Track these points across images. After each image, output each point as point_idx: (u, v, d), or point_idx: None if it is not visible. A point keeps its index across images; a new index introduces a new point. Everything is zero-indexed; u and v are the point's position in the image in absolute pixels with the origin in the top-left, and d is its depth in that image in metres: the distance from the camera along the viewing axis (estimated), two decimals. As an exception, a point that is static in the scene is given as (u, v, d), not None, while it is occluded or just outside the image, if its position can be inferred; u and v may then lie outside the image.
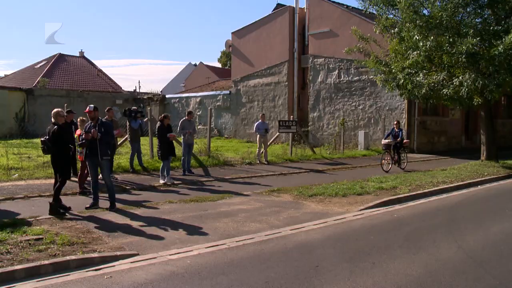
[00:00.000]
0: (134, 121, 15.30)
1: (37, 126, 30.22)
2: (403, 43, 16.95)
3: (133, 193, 11.98)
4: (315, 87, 29.01)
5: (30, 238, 7.18)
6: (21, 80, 42.71)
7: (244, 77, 33.02)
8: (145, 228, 8.26)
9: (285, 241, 7.70)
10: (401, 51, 17.24)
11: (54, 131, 9.26)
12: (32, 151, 18.99)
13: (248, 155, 19.73)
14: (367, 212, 10.16)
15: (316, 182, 13.95)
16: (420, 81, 16.71)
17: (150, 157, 17.04)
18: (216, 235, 7.91)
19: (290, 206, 10.60)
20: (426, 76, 16.76)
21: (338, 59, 27.30)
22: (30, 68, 47.19)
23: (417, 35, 15.93)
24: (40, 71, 43.06)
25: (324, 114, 28.58)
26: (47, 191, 11.27)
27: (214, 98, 35.17)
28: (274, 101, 31.26)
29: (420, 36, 15.91)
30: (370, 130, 26.20)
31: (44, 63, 46.17)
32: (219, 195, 11.75)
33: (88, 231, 7.94)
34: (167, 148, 13.40)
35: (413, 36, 16.03)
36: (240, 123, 33.25)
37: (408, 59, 16.60)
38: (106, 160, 9.92)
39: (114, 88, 45.16)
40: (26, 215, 8.94)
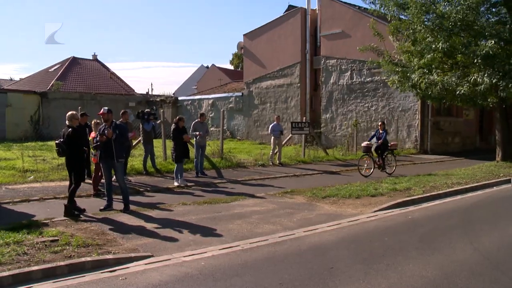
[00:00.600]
0: (147, 123, 15.43)
1: (51, 129, 30.47)
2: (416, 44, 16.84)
3: (147, 195, 12.05)
4: (328, 88, 28.94)
5: (46, 240, 7.26)
6: (36, 83, 43.08)
7: (256, 78, 33.03)
8: (159, 230, 8.29)
9: (298, 242, 7.69)
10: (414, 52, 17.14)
11: (69, 134, 9.34)
12: (47, 154, 19.17)
13: (261, 156, 19.72)
14: (381, 213, 10.11)
15: (329, 183, 13.92)
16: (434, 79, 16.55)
17: (163, 159, 17.11)
18: (230, 237, 7.92)
19: (304, 207, 10.58)
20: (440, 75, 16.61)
21: (351, 60, 27.22)
22: (44, 71, 47.59)
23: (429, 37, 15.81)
24: (54, 75, 43.40)
25: (336, 115, 28.50)
26: (62, 193, 11.38)
27: (227, 100, 35.23)
28: (286, 102, 31.24)
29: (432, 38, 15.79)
30: (383, 131, 26.06)
31: (58, 66, 46.55)
32: (233, 197, 11.78)
33: (102, 232, 8.00)
34: (181, 150, 13.45)
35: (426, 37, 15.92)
36: (252, 125, 33.26)
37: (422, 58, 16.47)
38: (121, 162, 10.02)
39: (127, 90, 45.40)
40: (42, 216, 9.05)
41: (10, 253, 6.57)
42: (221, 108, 31.32)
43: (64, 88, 39.43)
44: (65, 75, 43.16)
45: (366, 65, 24.16)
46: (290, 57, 30.71)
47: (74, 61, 47.13)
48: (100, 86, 44.22)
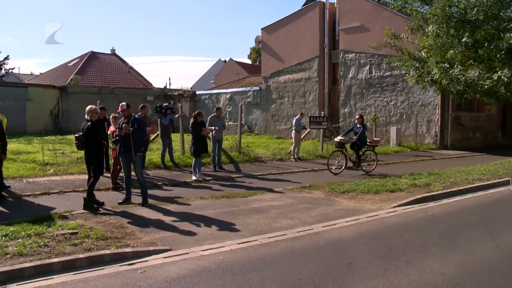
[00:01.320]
0: (164, 117, 15.49)
1: (70, 123, 30.76)
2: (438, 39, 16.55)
3: (165, 189, 12.13)
4: (346, 82, 28.76)
5: (66, 232, 7.34)
6: (55, 77, 43.57)
7: (274, 73, 32.95)
8: (177, 224, 8.33)
9: (317, 237, 7.67)
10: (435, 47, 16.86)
11: (88, 127, 9.42)
12: (66, 147, 19.36)
13: (279, 151, 19.69)
14: (400, 209, 10.03)
15: (347, 178, 13.85)
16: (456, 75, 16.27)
17: (181, 153, 17.18)
18: (248, 231, 7.92)
19: (322, 202, 10.54)
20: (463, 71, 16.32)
21: (369, 54, 26.98)
22: (64, 66, 48.10)
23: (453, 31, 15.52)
24: (73, 69, 43.84)
25: (355, 110, 28.31)
26: (81, 186, 11.50)
27: (244, 94, 35.23)
28: (304, 97, 31.12)
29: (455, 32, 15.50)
30: (403, 126, 25.85)
31: (76, 61, 47.01)
32: (251, 191, 11.79)
33: (121, 226, 8.06)
34: (200, 144, 13.50)
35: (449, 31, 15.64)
36: (270, 119, 33.22)
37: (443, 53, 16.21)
38: (139, 156, 10.10)
39: (145, 84, 45.67)
40: (61, 209, 9.16)
41: (32, 245, 6.66)
42: (239, 103, 31.32)
43: (83, 82, 39.84)
44: (84, 70, 43.59)
45: (385, 59, 23.87)
46: (309, 51, 30.57)
47: (93, 55, 47.56)
48: (119, 80, 44.56)
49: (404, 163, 18.51)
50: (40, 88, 34.58)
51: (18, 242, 6.75)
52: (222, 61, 74.03)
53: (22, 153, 17.30)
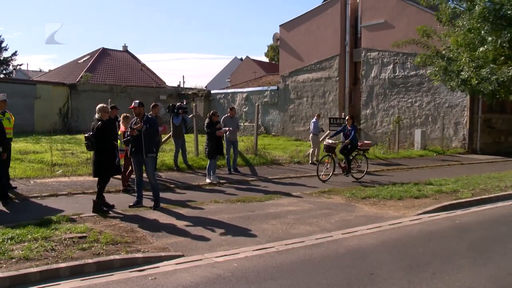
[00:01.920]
0: (176, 117, 15.47)
1: (80, 122, 31.01)
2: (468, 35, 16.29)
3: (178, 192, 12.17)
4: (368, 82, 28.59)
5: (74, 236, 7.38)
6: (65, 75, 43.96)
7: (292, 72, 32.90)
8: (190, 229, 8.34)
9: (336, 245, 7.61)
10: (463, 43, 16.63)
11: (98, 127, 9.45)
12: (75, 147, 19.54)
13: (297, 153, 19.64)
14: (425, 217, 9.91)
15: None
16: (487, 75, 15.98)
17: (195, 155, 17.21)
18: (264, 238, 7.89)
19: (342, 208, 10.48)
20: (495, 70, 16.03)
21: (393, 52, 26.77)
22: (74, 63, 48.54)
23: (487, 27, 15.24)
24: (83, 66, 44.21)
25: (377, 111, 28.13)
26: (91, 188, 11.57)
27: (261, 94, 35.23)
28: (324, 97, 31.01)
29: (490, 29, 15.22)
30: (428, 128, 25.59)
31: (87, 57, 47.41)
32: (267, 195, 11.78)
33: (131, 230, 8.09)
34: (215, 146, 13.53)
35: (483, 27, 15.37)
36: (288, 120, 33.17)
37: (475, 51, 15.92)
38: (151, 158, 10.14)
39: (158, 83, 45.90)
40: (70, 212, 9.22)
41: (38, 248, 6.70)
42: (255, 102, 31.28)
43: (93, 80, 40.12)
44: (95, 67, 43.92)
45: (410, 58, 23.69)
46: (329, 49, 30.45)
47: (104, 52, 47.92)
48: (131, 78, 44.84)
49: (429, 168, 18.32)
50: (49, 86, 34.91)
51: (24, 246, 6.79)
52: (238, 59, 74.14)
53: (29, 153, 17.48)
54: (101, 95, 32.97)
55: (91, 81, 39.41)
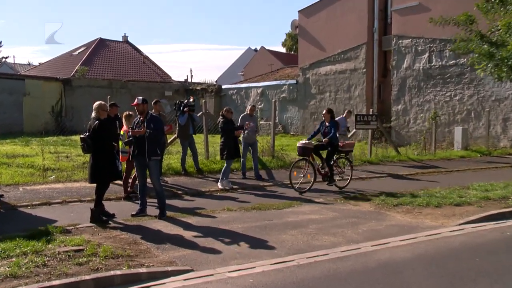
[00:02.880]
0: (182, 115, 15.33)
1: (75, 121, 31.21)
2: None
3: (186, 199, 12.24)
4: (400, 74, 28.45)
5: (69, 249, 7.41)
6: (57, 69, 44.27)
7: (313, 63, 32.88)
8: (200, 240, 8.37)
9: (365, 259, 7.59)
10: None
11: (95, 127, 9.49)
12: (70, 150, 19.69)
13: (319, 155, 19.59)
14: (468, 227, 9.80)
15: (401, 188, 13.71)
16: None
17: (205, 157, 17.28)
18: (283, 250, 7.90)
19: (371, 216, 10.45)
20: None
21: (429, 39, 26.62)
22: (67, 55, 48.88)
23: None
24: (78, 59, 44.50)
25: (410, 106, 27.98)
26: (88, 196, 11.66)
27: (278, 88, 35.25)
28: (349, 91, 30.95)
29: None
30: (470, 125, 25.37)
31: (82, 49, 47.73)
32: (286, 202, 11.80)
33: (134, 242, 8.13)
34: (233, 146, 13.55)
35: None
36: (308, 117, 33.14)
37: None
38: (155, 161, 10.18)
39: (162, 77, 46.12)
40: (64, 222, 9.28)
41: (28, 264, 6.71)
42: (272, 98, 31.35)
43: (90, 75, 40.42)
44: (91, 60, 44.21)
45: (449, 45, 23.42)
46: (355, 37, 30.38)
47: (102, 43, 48.25)
48: (132, 72, 45.10)
49: (472, 170, 18.14)
50: (40, 81, 35.17)
51: (12, 262, 6.80)
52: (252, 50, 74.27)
53: (18, 156, 17.64)
54: (99, 91, 33.17)
55: (87, 75, 39.70)
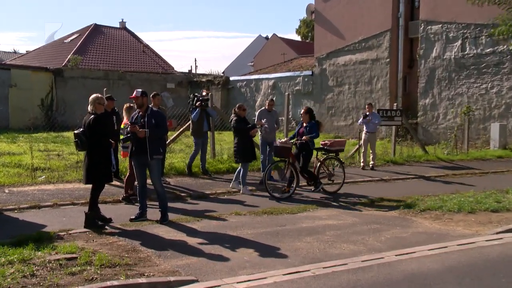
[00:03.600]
0: (194, 110, 15.34)
1: (67, 116, 31.21)
2: None
3: (190, 202, 12.29)
4: (428, 64, 28.33)
5: (61, 258, 7.41)
6: (47, 57, 44.33)
7: (331, 52, 32.82)
8: (206, 247, 8.40)
9: (389, 269, 7.57)
10: None
11: (90, 122, 9.52)
12: (62, 147, 19.77)
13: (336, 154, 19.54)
14: (507, 236, 9.71)
15: (429, 192, 13.67)
16: None
17: (211, 157, 17.39)
18: (297, 259, 7.90)
19: (395, 223, 10.43)
20: None
21: (463, 24, 26.45)
22: (58, 43, 48.92)
23: None
24: (71, 47, 44.49)
25: (439, 100, 27.85)
26: (82, 198, 11.71)
27: (292, 80, 35.24)
28: (370, 84, 30.87)
29: None
30: (510, 122, 25.20)
31: (75, 36, 47.76)
32: (300, 206, 11.83)
33: (133, 249, 8.17)
34: (249, 147, 13.51)
35: None
36: (325, 113, 33.11)
37: None
38: (157, 160, 10.20)
39: (164, 68, 46.20)
40: (56, 227, 9.31)
41: (14, 274, 6.71)
42: (285, 91, 31.34)
43: (83, 64, 40.48)
44: (85, 48, 44.25)
45: (485, 30, 23.20)
46: (377, 24, 30.29)
47: (97, 29, 48.33)
48: (130, 62, 45.16)
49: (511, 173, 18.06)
50: (28, 71, 35.24)
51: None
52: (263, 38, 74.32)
53: (3, 154, 17.76)
54: (94, 83, 33.32)
55: (81, 65, 39.73)
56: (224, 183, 14.38)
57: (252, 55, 67.27)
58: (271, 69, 41.55)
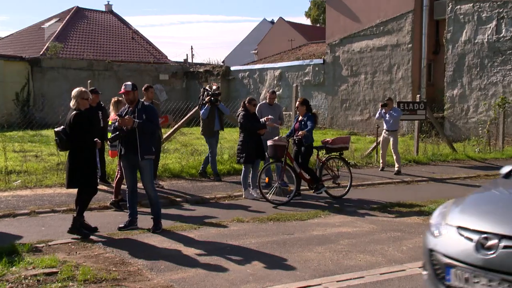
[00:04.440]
0: (204, 106, 15.26)
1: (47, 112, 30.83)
2: None
3: (186, 208, 12.32)
4: (457, 49, 28.22)
5: (39, 273, 7.38)
6: (23, 45, 44.23)
7: (345, 38, 32.79)
8: (204, 259, 8.42)
9: (412, 284, 7.57)
10: None
11: (71, 119, 9.51)
12: (41, 148, 19.79)
13: (351, 153, 19.59)
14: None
15: (458, 195, 13.45)
16: None
17: (209, 156, 17.37)
18: (307, 271, 7.91)
19: (418, 230, 10.40)
20: None
21: (498, 2, 26.28)
22: (35, 28, 48.66)
23: None
24: (49, 33, 44.23)
25: (470, 91, 27.75)
26: (63, 204, 11.77)
27: (301, 70, 35.23)
28: (390, 73, 30.82)
29: None
30: (553, 115, 25.15)
31: (55, 21, 47.44)
32: (310, 211, 11.84)
33: (122, 261, 8.20)
34: (254, 147, 13.44)
35: None
36: (339, 106, 33.11)
37: None
38: (149, 161, 10.15)
39: (156, 57, 46.21)
40: (33, 238, 9.30)
41: (-16, 294, 6.76)
42: (292, 83, 31.40)
43: (64, 53, 40.42)
44: (66, 34, 44.17)
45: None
46: (398, 4, 30.26)
47: (79, 13, 48.28)
48: (118, 51, 45.19)
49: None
50: (0, 60, 34.95)
51: (-37, 291, 6.84)
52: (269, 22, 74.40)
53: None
54: (77, 74, 33.39)
55: (62, 54, 39.63)
56: (225, 186, 14.44)
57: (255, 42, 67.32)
58: (277, 57, 41.56)
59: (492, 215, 5.83)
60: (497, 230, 5.38)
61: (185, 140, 22.31)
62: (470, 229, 5.61)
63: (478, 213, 5.99)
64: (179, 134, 20.26)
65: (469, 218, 5.85)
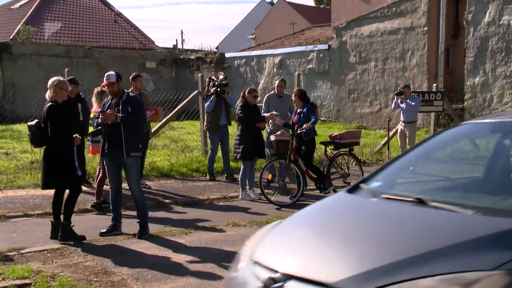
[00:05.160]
0: (209, 98, 15.20)
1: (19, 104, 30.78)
2: None
3: (176, 210, 12.35)
4: (479, 32, 28.11)
5: (9, 285, 7.36)
6: (-11, 28, 44.34)
7: (352, 21, 32.73)
8: (195, 266, 8.42)
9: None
10: None
11: (46, 112, 9.48)
12: (12, 144, 19.73)
13: (360, 149, 19.58)
14: None
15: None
16: None
17: (202, 153, 17.53)
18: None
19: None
20: None
21: (525, -21, 26.34)
22: (4, 9, 48.54)
23: None
24: (20, 15, 44.20)
25: (493, 79, 27.65)
26: (38, 208, 11.74)
27: (304, 57, 35.17)
28: (403, 59, 30.75)
29: None
30: None
31: (26, 1, 47.26)
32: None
33: (104, 271, 8.17)
34: (253, 142, 13.38)
35: None
36: (346, 97, 33.07)
37: None
38: (135, 158, 10.12)
39: (142, 43, 46.22)
40: (3, 246, 9.25)
41: None
42: (294, 71, 31.36)
43: (38, 38, 40.36)
44: (40, 16, 44.06)
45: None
46: (412, -18, 30.30)
47: (55, -8, 48.24)
48: (99, 35, 45.15)
49: None
50: (-37, 47, 35.02)
51: None
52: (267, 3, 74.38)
53: None
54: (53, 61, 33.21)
55: (35, 39, 39.58)
56: (219, 187, 14.49)
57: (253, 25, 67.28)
58: (277, 42, 41.57)
59: (288, 246, 4.92)
60: (284, 268, 4.43)
61: (174, 135, 22.29)
62: (263, 265, 4.67)
63: (278, 241, 5.11)
64: (168, 129, 20.24)
65: (267, 250, 4.98)
